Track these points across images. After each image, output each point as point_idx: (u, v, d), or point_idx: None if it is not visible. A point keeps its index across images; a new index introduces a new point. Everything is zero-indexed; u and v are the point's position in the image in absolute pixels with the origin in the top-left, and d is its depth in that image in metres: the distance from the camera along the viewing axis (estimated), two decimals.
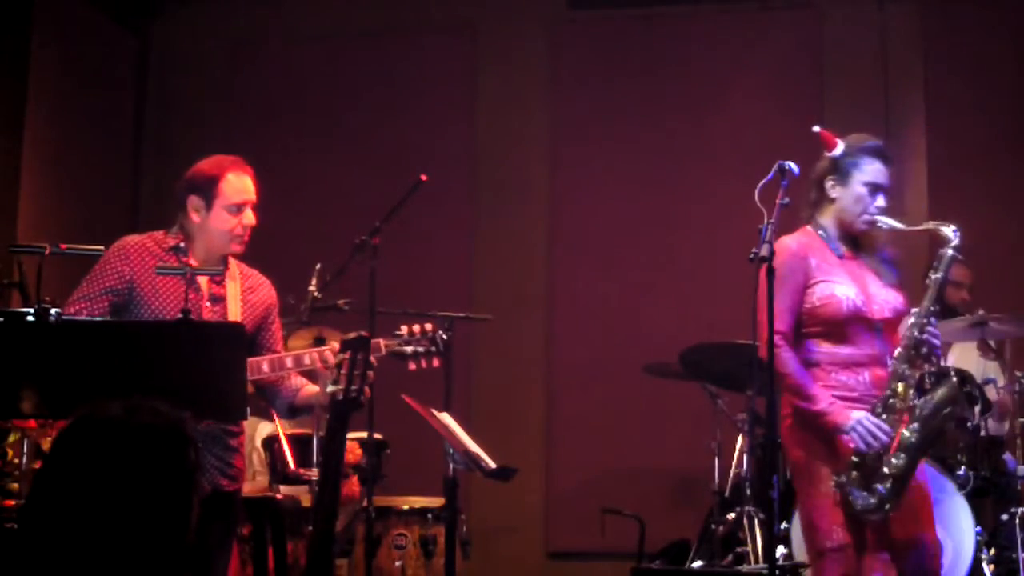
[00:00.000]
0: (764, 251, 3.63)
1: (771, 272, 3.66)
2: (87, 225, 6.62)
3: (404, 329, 3.90)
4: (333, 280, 5.04)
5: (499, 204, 7.49)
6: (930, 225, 4.06)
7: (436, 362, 3.94)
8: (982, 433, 5.44)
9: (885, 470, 3.77)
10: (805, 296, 3.89)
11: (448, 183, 6.80)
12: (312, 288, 5.05)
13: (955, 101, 7.07)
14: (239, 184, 3.91)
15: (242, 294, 3.94)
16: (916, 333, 3.86)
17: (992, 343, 5.76)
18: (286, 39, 7.77)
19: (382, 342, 3.84)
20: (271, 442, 5.32)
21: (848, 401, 3.84)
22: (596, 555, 6.82)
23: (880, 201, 3.99)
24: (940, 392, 3.89)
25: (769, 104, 7.15)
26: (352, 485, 5.38)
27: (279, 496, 5.29)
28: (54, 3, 6.94)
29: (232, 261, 3.99)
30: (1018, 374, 5.52)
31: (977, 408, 5.39)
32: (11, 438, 4.13)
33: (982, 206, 6.90)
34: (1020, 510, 5.20)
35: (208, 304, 3.85)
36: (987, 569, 5.04)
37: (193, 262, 3.82)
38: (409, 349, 3.88)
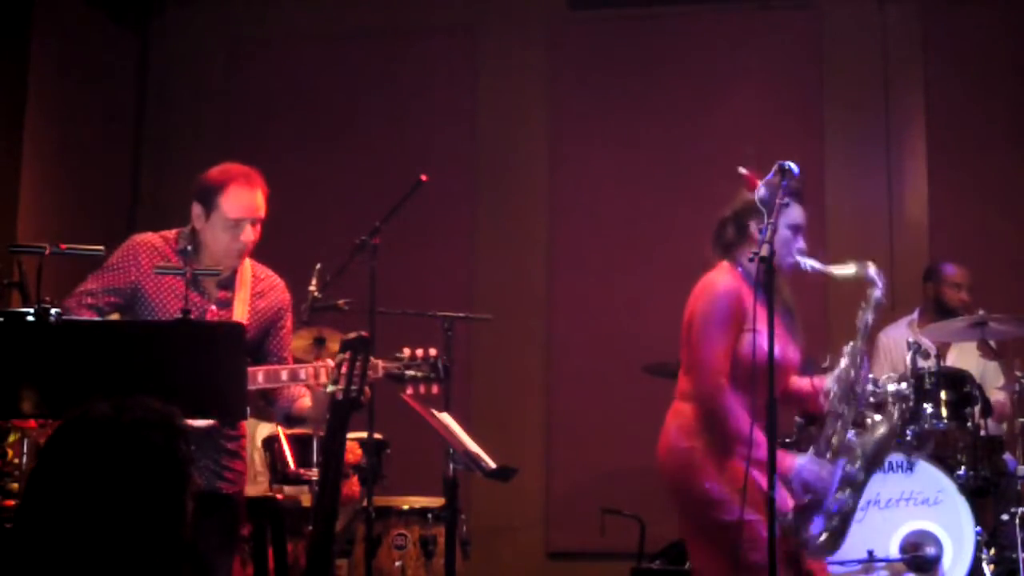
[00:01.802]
0: (764, 251, 3.62)
1: (770, 272, 3.65)
2: (87, 225, 6.62)
3: (406, 352, 3.81)
4: (333, 280, 5.03)
5: (499, 204, 7.49)
6: (853, 268, 3.94)
7: (435, 389, 3.85)
8: (982, 433, 5.44)
9: (834, 508, 3.79)
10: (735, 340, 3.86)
11: (448, 183, 6.80)
12: (312, 288, 5.04)
13: (955, 101, 7.07)
14: (240, 200, 3.79)
15: (251, 299, 3.89)
16: (852, 374, 3.88)
17: (992, 343, 5.76)
18: (286, 39, 7.77)
19: (380, 363, 3.74)
20: (271, 442, 5.31)
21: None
22: (596, 555, 6.82)
23: (801, 243, 3.97)
24: (880, 431, 3.93)
25: (769, 104, 7.15)
26: (352, 485, 5.38)
27: (279, 496, 5.29)
28: (54, 3, 6.94)
29: (247, 262, 3.94)
30: (1018, 374, 5.51)
31: (977, 408, 5.40)
32: (11, 438, 4.13)
33: (982, 206, 6.92)
34: (1020, 510, 5.19)
35: (214, 308, 3.83)
36: (987, 569, 5.04)
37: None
38: (408, 373, 3.78)
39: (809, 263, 3.94)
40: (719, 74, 7.30)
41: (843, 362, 3.92)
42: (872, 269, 3.91)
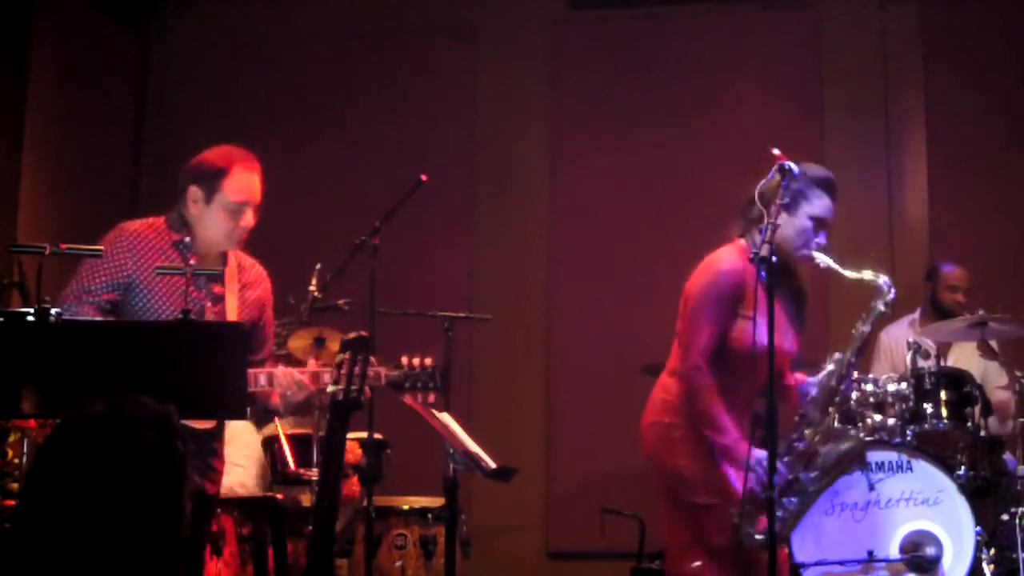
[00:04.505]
0: (764, 251, 3.62)
1: (771, 272, 3.65)
2: (87, 225, 6.59)
3: (405, 361, 3.85)
4: (333, 280, 5.04)
5: (499, 204, 7.49)
6: (867, 275, 3.86)
7: (432, 398, 3.92)
8: (982, 433, 5.43)
9: (779, 513, 3.69)
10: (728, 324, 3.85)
11: (448, 183, 6.80)
12: (312, 288, 5.06)
13: (955, 101, 7.07)
14: (243, 183, 3.79)
15: (239, 291, 3.88)
16: (834, 383, 3.88)
17: (993, 343, 5.75)
18: (286, 39, 7.77)
19: (383, 371, 3.80)
20: (271, 442, 5.32)
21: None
22: (596, 555, 6.82)
23: (822, 238, 3.91)
24: (845, 446, 3.91)
25: (769, 104, 7.15)
26: (352, 485, 5.38)
27: (279, 496, 5.29)
28: (54, 3, 6.94)
29: (232, 253, 3.91)
30: (1018, 374, 5.51)
31: (977, 408, 5.39)
32: (11, 438, 4.14)
33: (982, 207, 6.92)
34: (1020, 510, 5.19)
35: (209, 304, 3.82)
36: (987, 569, 5.04)
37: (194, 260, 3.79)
38: (408, 383, 3.85)
39: (824, 260, 3.87)
40: (719, 74, 7.30)
41: (828, 368, 3.92)
42: (884, 280, 3.85)
